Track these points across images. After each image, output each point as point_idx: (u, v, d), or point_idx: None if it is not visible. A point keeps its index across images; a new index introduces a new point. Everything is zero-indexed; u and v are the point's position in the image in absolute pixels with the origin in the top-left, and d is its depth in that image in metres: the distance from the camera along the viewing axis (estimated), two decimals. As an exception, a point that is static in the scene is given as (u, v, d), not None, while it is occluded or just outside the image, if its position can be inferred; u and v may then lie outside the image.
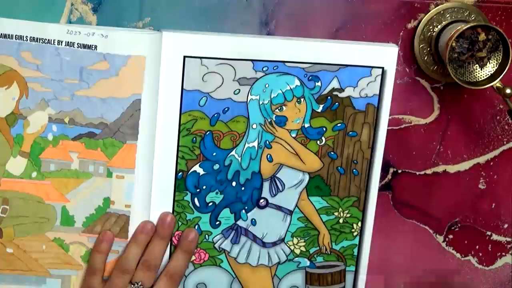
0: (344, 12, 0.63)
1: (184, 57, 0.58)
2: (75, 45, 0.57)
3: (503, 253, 0.71)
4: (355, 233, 0.64)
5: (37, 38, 0.57)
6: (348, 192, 0.63)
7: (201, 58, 0.58)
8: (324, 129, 0.62)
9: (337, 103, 0.61)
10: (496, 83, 0.61)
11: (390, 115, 0.63)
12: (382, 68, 0.61)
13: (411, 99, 0.66)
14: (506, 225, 0.70)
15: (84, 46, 0.57)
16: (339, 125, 0.62)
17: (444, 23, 0.63)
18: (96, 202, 0.61)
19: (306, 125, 0.62)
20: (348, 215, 0.64)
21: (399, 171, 0.67)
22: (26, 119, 0.59)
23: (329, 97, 0.61)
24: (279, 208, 0.63)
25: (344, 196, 0.63)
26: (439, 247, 0.70)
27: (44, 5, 0.58)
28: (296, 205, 0.63)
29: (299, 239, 0.64)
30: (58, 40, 0.57)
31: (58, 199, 0.61)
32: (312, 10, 0.62)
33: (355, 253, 0.65)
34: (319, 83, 0.61)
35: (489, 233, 0.70)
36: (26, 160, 0.60)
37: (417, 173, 0.68)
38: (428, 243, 0.69)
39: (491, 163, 0.68)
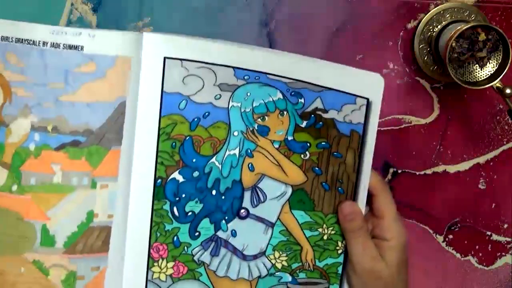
0: (344, 12, 0.63)
1: (165, 58, 0.56)
2: (61, 46, 0.55)
3: (503, 253, 0.71)
4: (339, 251, 0.62)
5: (22, 39, 0.55)
6: (333, 209, 0.61)
7: (181, 60, 0.57)
8: (308, 144, 0.60)
9: (321, 122, 0.59)
10: (496, 83, 0.61)
11: (390, 115, 0.64)
12: (367, 99, 0.59)
13: (411, 99, 0.66)
14: (506, 225, 0.70)
15: (70, 47, 0.55)
16: (323, 143, 0.60)
17: (444, 23, 0.63)
18: (79, 217, 0.57)
19: (290, 138, 0.60)
20: (333, 232, 0.61)
21: (399, 171, 0.67)
22: (8, 127, 0.56)
23: (312, 115, 0.59)
24: (260, 219, 0.61)
25: (328, 212, 0.61)
26: (439, 247, 0.70)
27: (44, 5, 0.58)
28: (278, 218, 0.61)
29: (280, 253, 0.62)
30: (43, 41, 0.55)
31: (38, 217, 0.57)
32: (312, 10, 0.62)
33: (339, 272, 0.62)
34: (302, 100, 0.59)
35: (489, 233, 0.70)
36: (7, 171, 0.56)
37: (417, 173, 0.68)
38: (428, 243, 0.69)
39: (491, 163, 0.68)
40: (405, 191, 0.68)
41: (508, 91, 0.61)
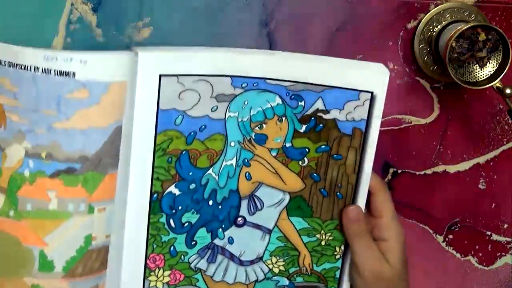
0: (344, 12, 0.63)
1: (160, 75, 0.55)
2: (52, 72, 0.52)
3: (503, 253, 0.71)
4: (337, 256, 0.61)
5: (14, 63, 0.52)
6: (331, 215, 0.60)
7: (177, 75, 0.55)
8: (307, 150, 0.59)
9: (321, 125, 0.58)
10: (496, 83, 0.61)
11: (390, 115, 0.64)
12: (372, 92, 0.57)
13: (411, 99, 0.66)
14: (506, 225, 0.70)
15: (62, 73, 0.52)
16: (323, 146, 0.59)
17: (444, 23, 0.63)
18: (77, 242, 0.56)
19: (288, 145, 0.58)
20: (331, 238, 0.61)
21: (399, 171, 0.67)
22: (3, 151, 0.54)
23: (312, 118, 0.58)
24: (257, 226, 0.60)
25: (326, 218, 0.60)
26: (439, 247, 0.70)
27: (44, 5, 0.58)
28: (276, 224, 0.60)
29: (278, 258, 0.61)
30: (35, 67, 0.52)
31: (35, 242, 0.55)
32: (312, 10, 0.62)
33: (337, 276, 0.62)
34: (302, 103, 0.57)
35: (489, 233, 0.70)
36: (4, 196, 0.54)
37: (417, 173, 0.68)
38: (428, 243, 0.69)
39: (491, 163, 0.68)
40: (405, 191, 0.68)
41: (508, 91, 0.61)
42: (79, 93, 0.53)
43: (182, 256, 0.60)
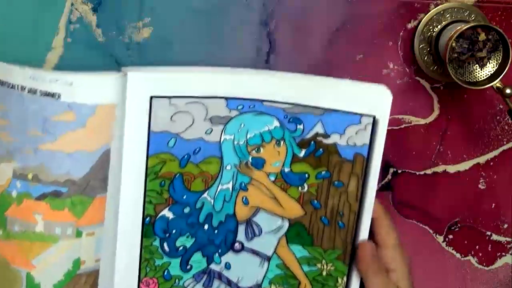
0: (344, 12, 0.63)
1: (151, 97, 0.53)
2: (38, 93, 0.51)
3: (503, 253, 0.71)
4: (340, 287, 0.58)
5: (3, 81, 0.51)
6: (332, 244, 0.57)
7: (169, 97, 0.53)
8: (307, 175, 0.56)
9: (321, 149, 0.55)
10: (496, 83, 0.61)
11: (390, 115, 0.63)
12: (374, 116, 0.55)
13: (411, 99, 0.66)
14: (506, 225, 0.70)
15: (47, 94, 0.51)
16: (323, 172, 0.56)
17: (444, 23, 0.63)
18: (65, 266, 0.54)
19: (286, 170, 0.56)
20: (333, 268, 0.58)
21: (399, 171, 0.67)
22: None
23: (312, 142, 0.55)
24: (255, 252, 0.58)
25: (328, 247, 0.57)
26: (439, 247, 0.70)
27: (44, 5, 0.58)
28: (275, 251, 0.58)
29: (277, 286, 0.58)
30: (21, 86, 0.51)
31: (23, 264, 0.54)
32: (312, 10, 0.62)
33: None
34: (301, 126, 0.55)
35: (489, 233, 0.70)
36: None
37: (417, 173, 0.68)
38: (428, 243, 0.69)
39: (491, 163, 0.68)
40: (405, 191, 0.68)
41: (508, 91, 0.61)
42: (65, 116, 0.52)
43: (177, 280, 0.58)
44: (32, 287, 0.54)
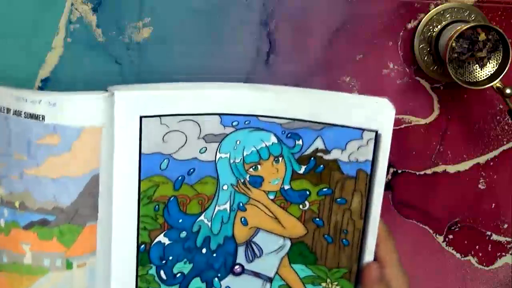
0: (344, 12, 0.63)
1: (141, 117, 0.50)
2: (22, 115, 0.48)
3: (503, 253, 0.71)
4: None
5: None
6: (337, 263, 0.55)
7: (160, 116, 0.50)
8: (307, 192, 0.54)
9: (322, 166, 0.53)
10: (496, 83, 0.61)
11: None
12: (376, 131, 0.52)
13: (411, 99, 0.66)
14: (506, 225, 0.70)
15: (31, 116, 0.48)
16: (324, 189, 0.53)
17: (444, 23, 0.63)
18: None
19: (286, 187, 0.53)
20: (338, 287, 0.55)
21: (399, 171, 0.67)
22: None
23: (312, 158, 0.53)
24: (256, 274, 0.55)
25: (332, 266, 0.55)
26: (439, 247, 0.70)
27: (44, 5, 0.58)
28: (277, 272, 0.55)
29: None
30: (7, 108, 0.49)
31: None
32: (312, 10, 0.62)
33: None
34: (300, 142, 0.52)
35: (489, 233, 0.70)
36: None
37: (417, 173, 0.68)
38: (428, 243, 0.69)
39: (491, 163, 0.68)
40: (405, 191, 0.68)
41: (508, 91, 0.61)
42: (49, 139, 0.49)
43: None
44: None
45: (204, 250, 0.54)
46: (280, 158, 0.53)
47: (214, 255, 0.54)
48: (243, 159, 0.53)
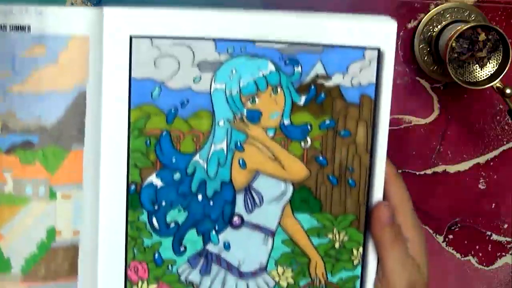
0: (344, 12, 0.63)
1: (131, 37, 0.48)
2: (7, 28, 0.47)
3: (503, 253, 0.71)
4: (355, 261, 0.51)
5: None
6: (344, 208, 0.51)
7: (151, 37, 0.48)
8: (309, 126, 0.50)
9: (323, 94, 0.49)
10: (496, 83, 0.61)
11: (390, 115, 0.63)
12: (378, 49, 0.49)
13: (411, 99, 0.66)
14: (506, 225, 0.70)
15: (17, 28, 0.47)
16: (327, 121, 0.50)
17: (444, 23, 0.63)
18: (37, 235, 0.47)
19: (286, 122, 0.50)
20: (346, 238, 0.51)
21: (399, 171, 0.67)
22: None
23: (312, 86, 0.49)
24: (257, 227, 0.51)
25: (339, 213, 0.51)
26: (439, 247, 0.69)
27: (44, 4, 0.58)
28: (279, 224, 0.51)
29: (285, 267, 0.51)
30: None
31: None
32: (311, 10, 0.62)
33: (357, 287, 0.51)
34: (298, 68, 0.49)
35: (489, 233, 0.70)
36: None
37: (417, 173, 0.68)
38: (428, 243, 0.69)
39: (491, 163, 0.68)
40: (405, 191, 0.68)
41: (508, 91, 0.61)
42: (34, 50, 0.47)
43: (170, 266, 0.51)
44: (1, 263, 0.48)
45: (200, 197, 0.50)
46: (279, 88, 0.50)
47: (211, 203, 0.51)
48: (239, 91, 0.49)
